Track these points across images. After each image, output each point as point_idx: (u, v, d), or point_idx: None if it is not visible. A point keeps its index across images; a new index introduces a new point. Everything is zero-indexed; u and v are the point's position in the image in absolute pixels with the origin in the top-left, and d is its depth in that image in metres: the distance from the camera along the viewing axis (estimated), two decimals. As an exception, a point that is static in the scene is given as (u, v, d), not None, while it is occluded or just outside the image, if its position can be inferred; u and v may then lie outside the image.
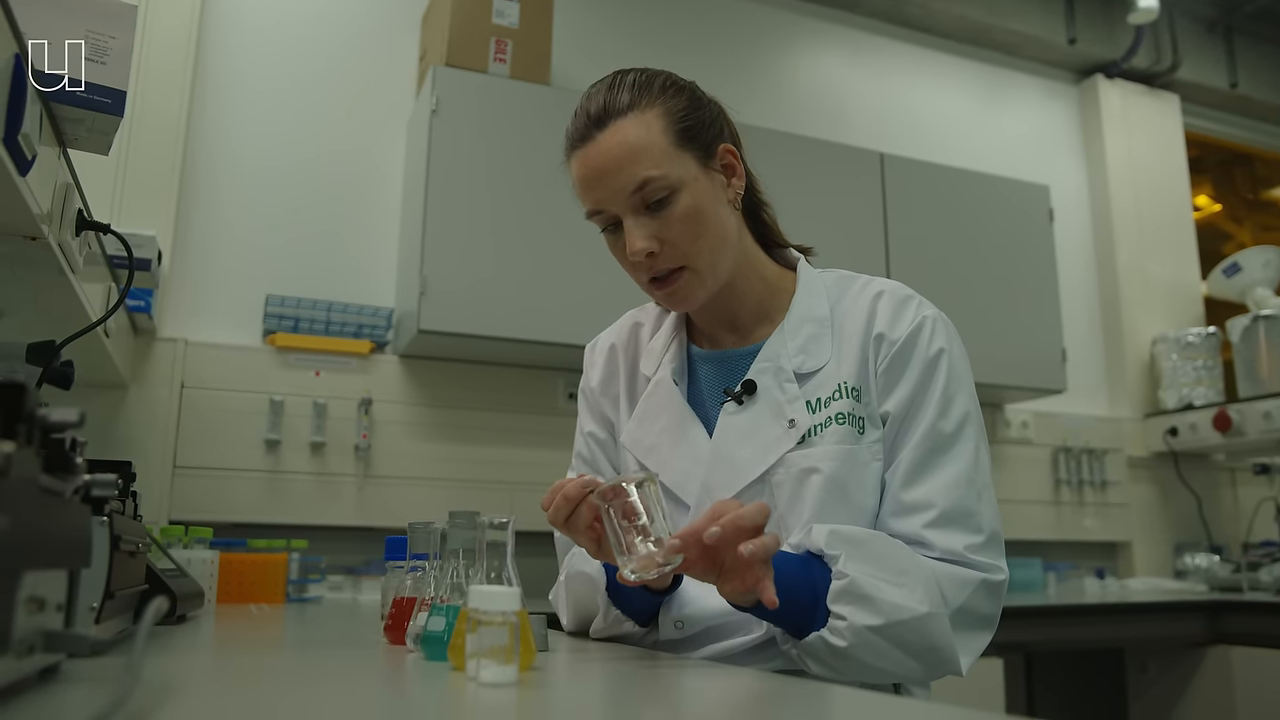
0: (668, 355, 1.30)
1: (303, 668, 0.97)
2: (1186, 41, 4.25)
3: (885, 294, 1.22)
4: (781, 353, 1.21)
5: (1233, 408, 3.47)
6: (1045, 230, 3.44)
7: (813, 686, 0.94)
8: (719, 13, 3.53)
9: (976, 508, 1.11)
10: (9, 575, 0.52)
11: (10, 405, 0.57)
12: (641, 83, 1.18)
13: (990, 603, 1.09)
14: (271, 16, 2.90)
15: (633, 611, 1.16)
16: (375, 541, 2.61)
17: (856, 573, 1.01)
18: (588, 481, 0.99)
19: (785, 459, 1.15)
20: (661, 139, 1.15)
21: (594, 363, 1.40)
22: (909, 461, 1.13)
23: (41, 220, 1.12)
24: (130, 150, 2.54)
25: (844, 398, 1.16)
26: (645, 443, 1.27)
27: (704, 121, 1.20)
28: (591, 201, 1.20)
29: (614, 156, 1.15)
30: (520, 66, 2.77)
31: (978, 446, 1.15)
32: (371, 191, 2.91)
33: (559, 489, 1.01)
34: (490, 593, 0.74)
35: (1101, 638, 2.85)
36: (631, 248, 1.16)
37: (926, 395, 1.15)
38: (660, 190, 1.14)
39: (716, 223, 1.18)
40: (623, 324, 1.41)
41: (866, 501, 1.14)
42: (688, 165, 1.16)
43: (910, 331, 1.18)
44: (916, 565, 1.05)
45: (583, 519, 1.01)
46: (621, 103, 1.16)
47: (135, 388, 2.49)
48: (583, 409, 1.40)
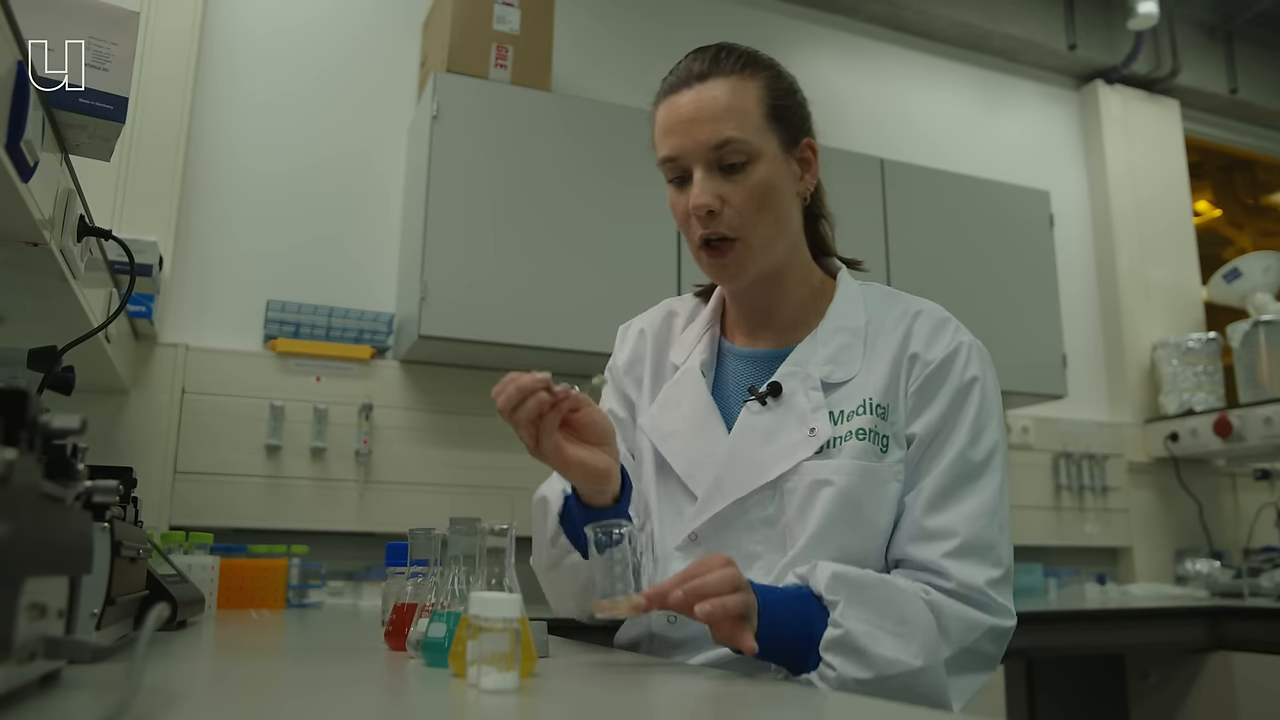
0: (699, 346, 1.30)
1: (303, 674, 0.97)
2: (1186, 47, 4.26)
3: (923, 314, 1.22)
4: (811, 359, 1.21)
5: (1233, 413, 3.47)
6: (1045, 236, 3.44)
7: (809, 693, 0.94)
8: (719, 18, 3.54)
9: (998, 541, 1.11)
10: (10, 582, 0.52)
11: (12, 412, 0.57)
12: (749, 55, 1.21)
13: (995, 646, 1.09)
14: (272, 23, 2.91)
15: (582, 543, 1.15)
16: (376, 547, 2.61)
17: (853, 623, 1.00)
18: (543, 378, 1.02)
19: (801, 467, 1.15)
20: (755, 108, 1.17)
21: (623, 343, 1.40)
22: (934, 487, 1.13)
23: (43, 226, 1.12)
24: (132, 156, 2.55)
25: (868, 414, 1.15)
26: (664, 428, 1.26)
27: (796, 109, 1.23)
28: (669, 148, 1.20)
29: (705, 108, 1.16)
30: (521, 72, 2.77)
31: (1003, 479, 1.15)
32: (372, 197, 2.91)
33: (513, 379, 1.03)
34: (491, 599, 0.74)
35: (1102, 644, 2.85)
36: (695, 200, 1.16)
37: (958, 421, 1.15)
38: (738, 154, 1.15)
39: (781, 205, 1.19)
40: (657, 311, 1.41)
41: (879, 521, 1.13)
42: (771, 142, 1.18)
43: (946, 355, 1.17)
44: (918, 614, 1.04)
45: (528, 411, 1.02)
46: (726, 66, 1.19)
47: (136, 393, 2.49)
48: (606, 387, 1.40)
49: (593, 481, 1.10)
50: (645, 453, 1.27)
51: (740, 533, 1.16)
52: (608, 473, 1.11)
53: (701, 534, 1.18)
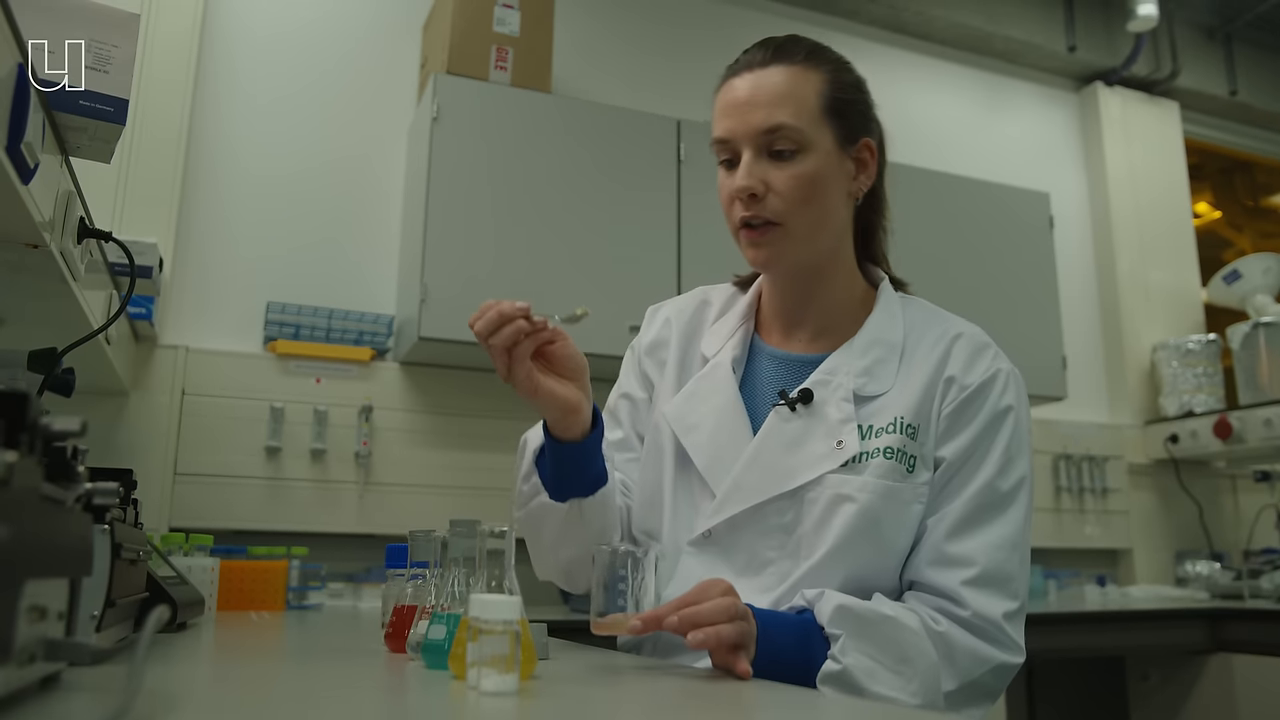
0: (731, 341, 1.28)
1: (303, 676, 0.97)
2: (1186, 49, 4.26)
3: (964, 337, 1.21)
4: (845, 369, 1.19)
5: (1233, 415, 3.47)
6: (1045, 237, 3.44)
7: (811, 696, 0.94)
8: (719, 21, 3.54)
9: (1016, 574, 1.10)
10: (11, 584, 0.52)
11: (13, 415, 0.57)
12: (815, 47, 1.21)
13: (999, 681, 1.09)
14: (272, 25, 2.91)
15: (550, 485, 1.15)
16: (376, 549, 2.61)
17: (853, 660, 1.00)
18: (523, 306, 1.04)
19: (824, 478, 1.13)
20: (813, 100, 1.16)
21: (650, 325, 1.38)
22: (959, 513, 1.11)
23: (43, 228, 1.12)
24: (132, 158, 2.55)
25: (898, 433, 1.13)
26: (688, 420, 1.24)
27: (857, 107, 1.21)
28: (723, 129, 1.18)
29: (761, 92, 1.15)
30: (521, 74, 2.78)
31: (1028, 512, 1.14)
32: (372, 199, 2.92)
33: (494, 304, 1.04)
34: (491, 601, 0.74)
35: (1103, 646, 2.85)
36: (738, 182, 1.15)
37: (989, 449, 1.14)
38: (788, 142, 1.14)
39: (827, 200, 1.17)
40: (690, 297, 1.38)
41: (898, 541, 1.12)
42: (825, 135, 1.16)
43: (983, 381, 1.16)
44: (921, 655, 1.03)
45: (504, 338, 1.03)
46: (790, 54, 1.18)
47: (136, 394, 2.49)
48: (627, 364, 1.39)
49: (561, 413, 1.11)
50: (666, 442, 1.25)
51: (755, 537, 1.15)
52: (577, 406, 1.11)
53: (716, 533, 1.17)
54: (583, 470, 1.15)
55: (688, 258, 2.77)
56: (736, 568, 1.15)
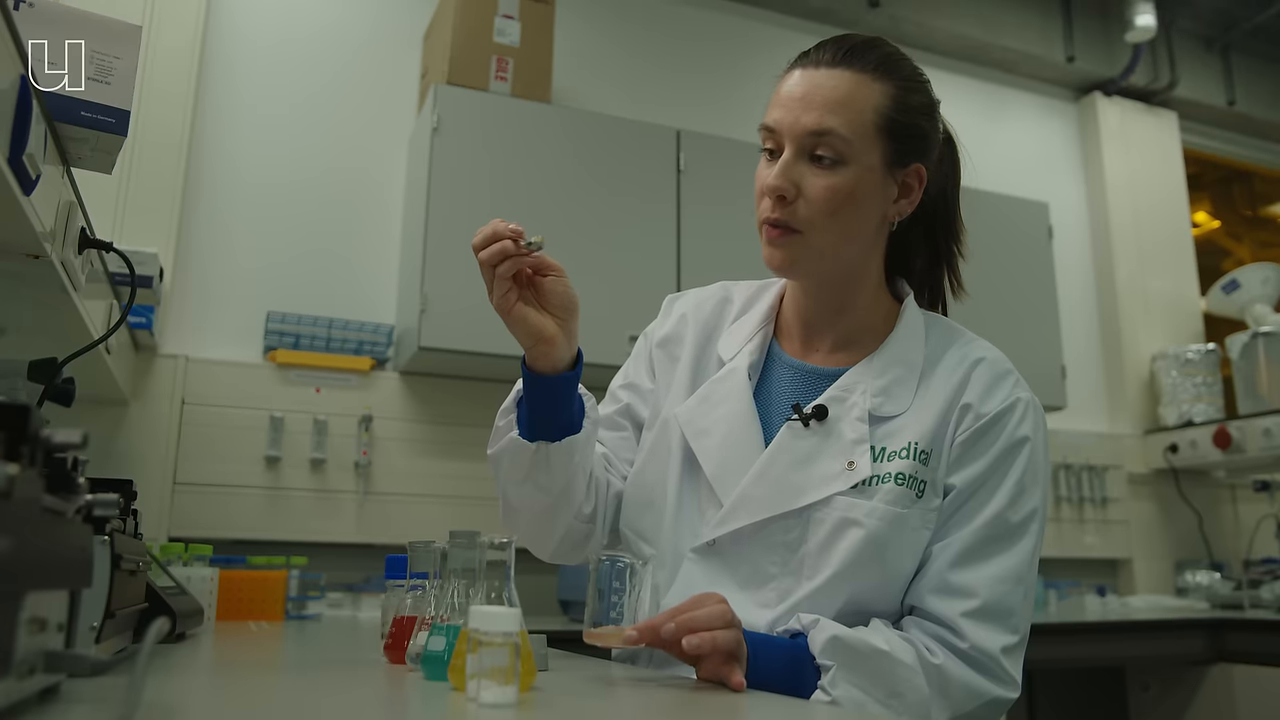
0: (750, 345, 1.25)
1: (302, 687, 0.96)
2: (1184, 59, 4.27)
3: (985, 363, 1.19)
4: (862, 386, 1.16)
5: (1233, 424, 3.47)
6: (1044, 247, 3.45)
7: (808, 706, 0.94)
8: (719, 31, 3.55)
9: (1018, 608, 1.08)
10: (11, 596, 0.52)
11: (14, 427, 0.57)
12: (891, 60, 1.17)
13: (992, 715, 1.07)
14: (273, 36, 2.92)
15: (522, 420, 1.15)
16: (375, 559, 2.60)
17: (843, 692, 0.99)
18: (515, 228, 1.10)
19: (833, 500, 1.11)
20: (869, 113, 1.12)
21: (665, 317, 1.36)
22: (965, 543, 1.09)
23: (44, 238, 1.13)
24: (133, 168, 2.56)
25: (910, 458, 1.11)
26: (698, 424, 1.21)
27: (917, 132, 1.18)
28: (772, 119, 1.15)
29: (819, 92, 1.12)
30: (521, 85, 2.78)
31: (1036, 547, 1.12)
32: (373, 209, 2.92)
33: (495, 221, 1.11)
34: (491, 613, 0.74)
35: (1103, 656, 2.85)
36: (771, 180, 1.12)
37: (1001, 480, 1.11)
38: (831, 151, 1.10)
39: (858, 218, 1.14)
40: (710, 292, 1.36)
41: (903, 567, 1.10)
42: (872, 152, 1.13)
43: (1000, 410, 1.13)
44: (912, 689, 1.02)
45: (490, 254, 1.09)
46: (862, 59, 1.14)
47: (136, 404, 2.49)
48: (637, 350, 1.37)
49: (532, 340, 1.12)
50: (674, 443, 1.23)
51: (759, 551, 1.13)
52: (550, 337, 1.13)
53: (720, 543, 1.15)
54: (555, 411, 1.14)
55: (687, 267, 2.77)
56: (739, 579, 1.13)
